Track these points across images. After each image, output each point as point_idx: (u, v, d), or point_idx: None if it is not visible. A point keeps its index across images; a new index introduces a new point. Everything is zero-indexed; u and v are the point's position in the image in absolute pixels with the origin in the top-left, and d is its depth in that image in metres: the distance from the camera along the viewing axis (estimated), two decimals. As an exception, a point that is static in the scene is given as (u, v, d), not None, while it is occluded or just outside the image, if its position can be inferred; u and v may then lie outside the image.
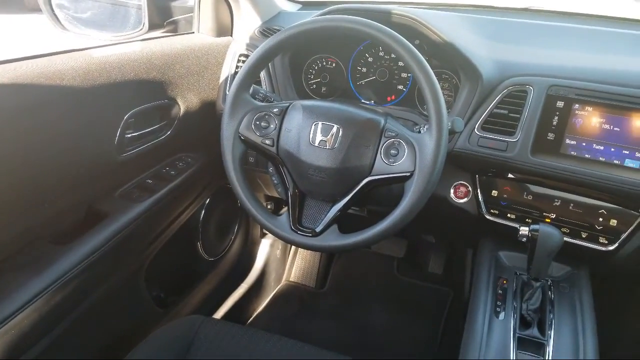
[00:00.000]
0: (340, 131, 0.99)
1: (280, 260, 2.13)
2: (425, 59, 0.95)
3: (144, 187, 1.32)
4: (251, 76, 1.05)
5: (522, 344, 1.01)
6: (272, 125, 1.05)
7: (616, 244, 1.11)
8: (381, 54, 1.36)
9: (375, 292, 2.03)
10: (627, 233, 1.10)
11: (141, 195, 1.28)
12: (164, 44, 1.29)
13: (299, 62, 1.42)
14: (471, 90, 1.15)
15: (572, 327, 1.04)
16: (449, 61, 1.24)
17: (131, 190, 1.29)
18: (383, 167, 0.97)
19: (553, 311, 1.07)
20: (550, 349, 0.99)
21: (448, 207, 1.26)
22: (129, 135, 1.21)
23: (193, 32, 1.49)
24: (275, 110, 1.06)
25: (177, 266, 1.63)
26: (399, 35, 0.94)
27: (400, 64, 1.34)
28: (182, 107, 1.34)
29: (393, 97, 1.36)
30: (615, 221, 1.10)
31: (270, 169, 1.21)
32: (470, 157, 1.16)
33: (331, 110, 1.02)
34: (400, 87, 1.35)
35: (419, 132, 1.01)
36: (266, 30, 1.44)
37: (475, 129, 1.15)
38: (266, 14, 1.52)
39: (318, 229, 1.01)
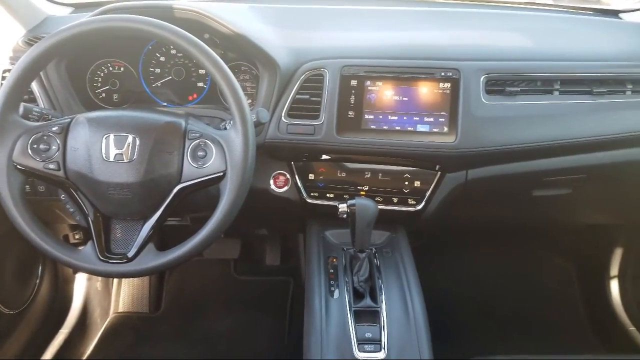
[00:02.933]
0: (137, 140, 0.91)
1: (103, 293, 1.92)
2: (220, 53, 0.93)
3: None
4: (16, 93, 0.90)
5: (359, 315, 1.04)
6: (53, 147, 0.92)
7: (423, 203, 1.22)
8: (173, 52, 1.28)
9: (216, 299, 1.97)
10: (429, 191, 1.21)
11: None
12: None
13: (80, 70, 1.26)
14: (271, 80, 1.15)
15: (399, 288, 1.11)
16: (244, 53, 1.23)
17: None
18: (193, 171, 0.93)
19: (381, 277, 1.13)
20: (383, 314, 1.04)
21: (271, 198, 1.26)
22: None
23: None
24: (54, 128, 0.92)
25: (-30, 331, 1.36)
26: (183, 31, 0.90)
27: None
28: None
29: (195, 95, 1.31)
30: (418, 182, 1.21)
31: (63, 196, 1.06)
32: (283, 145, 1.17)
33: (122, 119, 0.94)
34: (200, 84, 1.30)
35: (225, 128, 0.98)
36: (32, 40, 1.24)
37: (282, 117, 1.16)
38: (30, 21, 1.32)
39: (131, 253, 0.92)
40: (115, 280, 1.97)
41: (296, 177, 1.24)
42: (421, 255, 1.26)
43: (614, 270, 1.70)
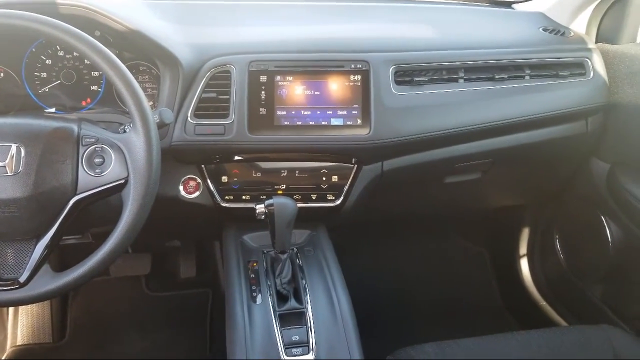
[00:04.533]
0: (22, 150, 0.82)
1: None
2: (115, 53, 0.87)
3: None
4: None
5: (284, 319, 1.01)
6: None
7: (341, 198, 1.21)
8: (61, 53, 1.18)
9: (128, 320, 1.83)
10: (347, 185, 1.20)
11: None
12: None
13: (-50, 77, 1.12)
14: (173, 79, 1.09)
15: (324, 287, 1.09)
16: (142, 51, 1.15)
17: None
18: (90, 180, 0.85)
19: (304, 277, 1.10)
20: (310, 314, 1.02)
21: (182, 206, 1.19)
22: None
23: None
24: None
25: None
26: (71, 27, 0.83)
27: (87, 61, 1.18)
28: None
29: (88, 100, 1.21)
30: (336, 177, 1.19)
31: None
32: (191, 147, 1.11)
33: (3, 127, 0.84)
34: (94, 87, 1.20)
35: (124, 132, 0.91)
36: None
37: (189, 118, 1.10)
38: None
39: (22, 278, 0.82)
40: (11, 310, 1.78)
41: (208, 180, 1.18)
42: (343, 251, 1.25)
43: (523, 249, 1.80)
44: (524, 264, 1.81)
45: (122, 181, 0.84)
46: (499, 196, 1.65)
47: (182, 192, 1.18)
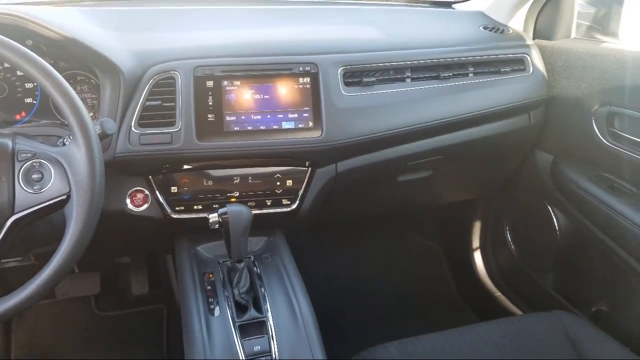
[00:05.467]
0: None
1: None
2: (50, 63, 0.82)
3: None
4: None
5: (245, 330, 0.98)
6: None
7: (297, 202, 1.20)
8: (-10, 66, 1.11)
9: (78, 343, 1.74)
10: (302, 189, 1.19)
11: None
12: None
13: None
14: (114, 87, 1.05)
15: (284, 293, 1.07)
16: (79, 60, 1.11)
17: None
18: (28, 198, 0.79)
19: (263, 285, 1.08)
20: (270, 323, 1.00)
21: (129, 220, 1.14)
22: None
23: None
24: None
25: None
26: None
27: (20, 73, 1.12)
28: None
29: (23, 113, 1.14)
30: (290, 181, 1.18)
31: None
32: (137, 158, 1.06)
33: None
34: (29, 100, 1.14)
35: (64, 145, 0.87)
36: None
37: (133, 127, 1.05)
38: None
39: None
40: None
41: (156, 192, 1.13)
42: (302, 256, 1.23)
43: (475, 242, 1.85)
44: (478, 257, 1.85)
45: (64, 197, 0.79)
46: (450, 192, 1.68)
47: (130, 206, 1.13)
